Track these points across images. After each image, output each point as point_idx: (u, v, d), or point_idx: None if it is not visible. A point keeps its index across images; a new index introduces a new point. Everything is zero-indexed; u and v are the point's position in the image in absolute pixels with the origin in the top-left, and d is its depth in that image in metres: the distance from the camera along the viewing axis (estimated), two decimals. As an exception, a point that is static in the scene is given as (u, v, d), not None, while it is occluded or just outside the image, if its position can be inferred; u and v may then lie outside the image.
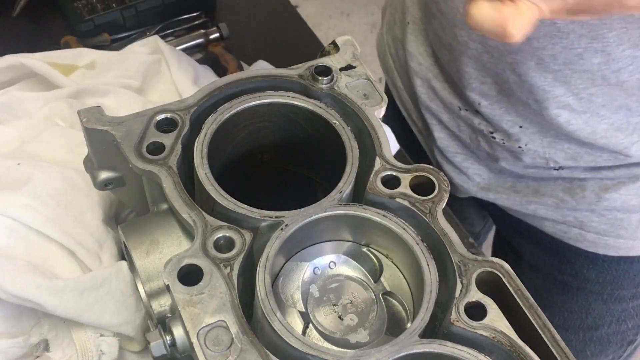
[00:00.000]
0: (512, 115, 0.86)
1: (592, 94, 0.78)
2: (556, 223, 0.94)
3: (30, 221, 0.66)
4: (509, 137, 0.88)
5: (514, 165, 0.91)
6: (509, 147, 0.89)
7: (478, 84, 0.86)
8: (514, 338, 0.50)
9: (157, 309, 0.56)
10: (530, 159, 0.88)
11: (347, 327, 0.54)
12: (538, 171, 0.90)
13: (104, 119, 0.60)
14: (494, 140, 0.90)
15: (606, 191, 0.88)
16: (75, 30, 1.07)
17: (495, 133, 0.89)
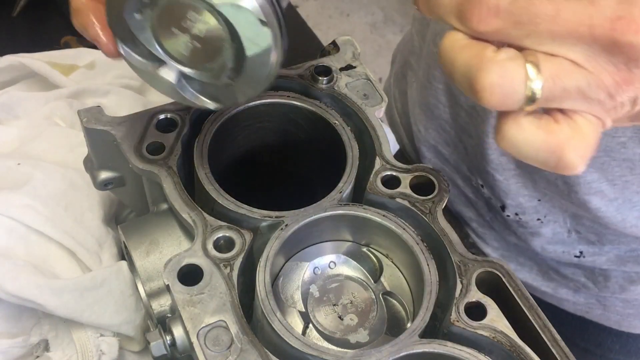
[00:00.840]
0: (530, 190, 0.79)
1: (628, 181, 0.72)
2: (577, 304, 0.89)
3: (30, 221, 0.66)
4: (525, 211, 0.81)
5: (532, 241, 0.84)
6: (524, 222, 0.82)
7: (497, 155, 0.78)
8: (514, 338, 0.50)
9: (157, 309, 0.56)
10: (550, 232, 0.81)
11: (347, 327, 0.54)
12: (557, 254, 0.84)
13: (104, 119, 0.60)
14: (508, 218, 0.83)
15: (632, 283, 0.82)
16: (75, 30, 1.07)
17: (508, 208, 0.82)
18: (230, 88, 0.46)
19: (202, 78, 0.47)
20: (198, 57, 0.45)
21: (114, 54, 0.47)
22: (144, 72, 0.48)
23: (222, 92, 0.47)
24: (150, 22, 0.44)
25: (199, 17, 0.42)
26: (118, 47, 0.47)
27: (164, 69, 0.47)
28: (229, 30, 0.42)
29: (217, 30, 0.43)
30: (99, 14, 0.47)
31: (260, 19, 0.41)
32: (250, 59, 0.43)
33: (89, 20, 0.48)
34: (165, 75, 0.47)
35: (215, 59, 0.44)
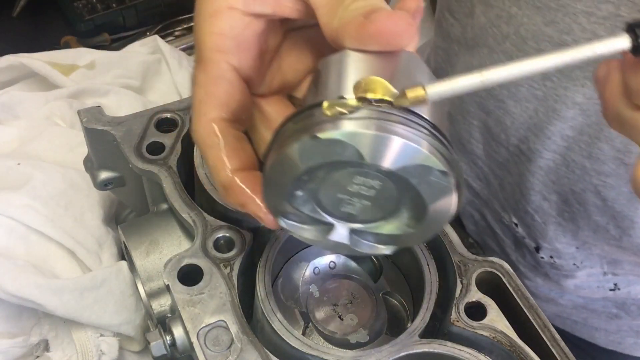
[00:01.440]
0: (568, 238, 0.77)
1: None
2: (609, 333, 0.86)
3: (30, 221, 0.66)
4: (561, 255, 0.79)
5: (565, 281, 0.82)
6: (559, 265, 0.80)
7: (539, 199, 0.76)
8: (514, 338, 0.50)
9: (157, 309, 0.56)
10: (585, 275, 0.80)
11: (347, 327, 0.54)
12: (591, 290, 0.82)
13: (104, 119, 0.60)
14: (542, 259, 0.81)
15: None
16: (75, 30, 1.07)
17: (543, 250, 0.80)
18: (409, 233, 0.42)
19: (375, 230, 0.43)
20: (369, 214, 0.41)
21: (277, 226, 0.43)
22: (312, 240, 0.44)
23: (400, 237, 0.43)
24: (313, 195, 0.40)
25: (368, 180, 0.39)
26: (278, 221, 0.42)
27: (334, 233, 0.43)
28: (404, 186, 0.39)
29: (391, 188, 0.39)
30: (250, 184, 0.43)
31: (440, 170, 0.37)
32: (431, 209, 0.39)
33: (246, 198, 0.43)
34: (337, 239, 0.43)
35: (389, 212, 0.41)
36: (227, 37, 0.43)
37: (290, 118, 0.38)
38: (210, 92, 0.44)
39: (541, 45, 0.65)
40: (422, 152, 0.36)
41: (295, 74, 0.48)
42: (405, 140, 0.36)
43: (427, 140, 0.36)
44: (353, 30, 0.38)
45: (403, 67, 0.40)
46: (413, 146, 0.36)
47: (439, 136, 0.37)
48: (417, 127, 0.37)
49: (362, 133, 0.35)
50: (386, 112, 0.36)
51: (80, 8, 1.09)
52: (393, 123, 0.36)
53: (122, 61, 0.89)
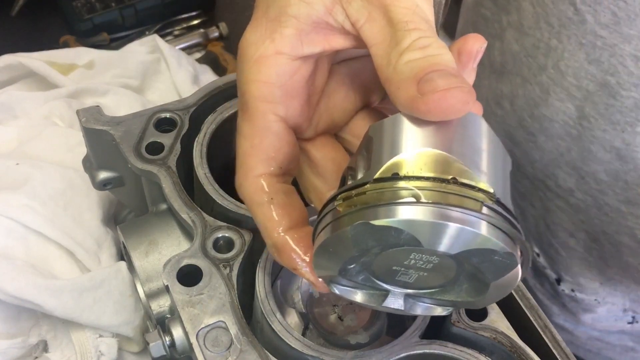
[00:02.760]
0: (594, 274, 0.75)
1: None
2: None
3: (29, 221, 0.66)
4: (583, 290, 0.78)
5: (583, 315, 0.81)
6: (579, 299, 0.79)
7: (565, 235, 0.74)
8: (515, 339, 0.50)
9: (156, 310, 0.56)
10: (605, 311, 0.78)
11: (347, 327, 0.54)
12: (609, 322, 0.80)
13: (102, 119, 0.60)
14: (562, 292, 0.80)
15: None
16: (74, 30, 1.07)
17: (565, 283, 0.79)
18: (468, 301, 0.40)
19: (433, 296, 0.41)
20: (427, 282, 0.39)
21: (328, 290, 0.41)
22: (365, 305, 0.42)
23: (459, 303, 0.41)
24: (366, 267, 0.39)
25: (425, 256, 0.37)
26: (330, 287, 0.40)
27: (389, 299, 0.41)
28: (465, 263, 0.37)
29: (450, 264, 0.37)
30: (302, 244, 0.41)
31: (503, 251, 0.35)
32: (493, 284, 0.37)
33: (299, 261, 0.41)
34: (392, 305, 0.41)
35: (448, 283, 0.39)
36: (274, 86, 0.40)
37: (342, 191, 0.36)
38: (257, 145, 0.41)
39: (582, 83, 0.63)
40: (482, 236, 0.34)
41: (343, 113, 0.45)
42: (463, 226, 0.34)
43: (488, 220, 0.34)
44: (403, 99, 0.36)
45: (461, 133, 0.37)
46: (472, 231, 0.34)
47: (502, 211, 0.35)
48: (474, 205, 0.34)
49: (419, 221, 0.34)
50: (443, 192, 0.34)
51: (79, 7, 1.08)
52: (450, 207, 0.34)
53: (121, 61, 0.89)
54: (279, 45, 0.40)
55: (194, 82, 0.90)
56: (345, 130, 0.46)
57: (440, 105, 0.35)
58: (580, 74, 0.62)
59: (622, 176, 0.65)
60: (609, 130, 0.63)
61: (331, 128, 0.45)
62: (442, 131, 0.36)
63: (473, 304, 0.40)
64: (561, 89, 0.64)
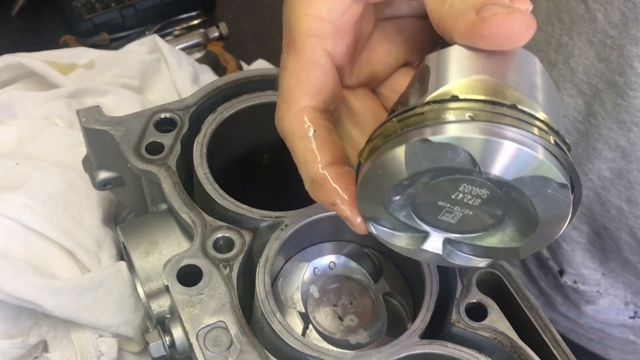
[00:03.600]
0: (596, 264, 0.76)
1: None
2: (625, 353, 0.85)
3: (29, 221, 0.66)
4: (585, 281, 0.78)
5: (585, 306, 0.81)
6: (582, 291, 0.79)
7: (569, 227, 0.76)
8: (515, 339, 0.50)
9: (157, 310, 0.56)
10: (607, 302, 0.79)
11: (347, 327, 0.54)
12: (610, 316, 0.81)
13: (102, 119, 0.60)
14: (564, 283, 0.80)
15: None
16: (74, 30, 1.07)
17: (567, 275, 0.79)
18: (511, 248, 0.39)
19: (473, 242, 0.39)
20: (470, 224, 0.38)
21: (366, 232, 0.40)
22: (402, 248, 0.40)
23: (500, 251, 0.39)
24: (411, 201, 0.37)
25: (475, 189, 0.35)
26: (368, 226, 0.39)
27: (428, 242, 0.39)
28: (516, 197, 0.35)
29: (499, 198, 0.35)
30: (342, 182, 0.40)
31: (559, 182, 0.33)
32: (543, 224, 0.36)
33: (337, 197, 0.39)
34: (430, 248, 0.39)
35: (493, 224, 0.37)
36: (325, 21, 0.40)
37: (396, 115, 0.35)
38: (302, 78, 0.40)
39: (592, 81, 0.63)
40: (540, 160, 0.32)
41: (385, 68, 0.45)
42: (521, 146, 0.32)
43: (545, 146, 0.33)
44: (463, 27, 0.35)
45: (517, 66, 0.36)
46: (530, 153, 0.32)
47: (558, 141, 0.34)
48: (532, 129, 0.33)
49: (476, 139, 0.32)
50: (500, 114, 0.33)
51: (79, 7, 1.08)
52: (508, 127, 0.32)
53: (121, 61, 0.89)
54: None
55: (194, 82, 0.90)
56: (385, 85, 0.45)
57: (503, 28, 0.33)
58: (590, 72, 0.62)
59: (625, 175, 0.65)
60: (615, 128, 0.63)
61: (371, 81, 0.45)
62: (500, 62, 0.35)
63: (514, 253, 0.38)
64: (572, 85, 0.64)
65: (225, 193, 0.56)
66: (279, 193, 0.65)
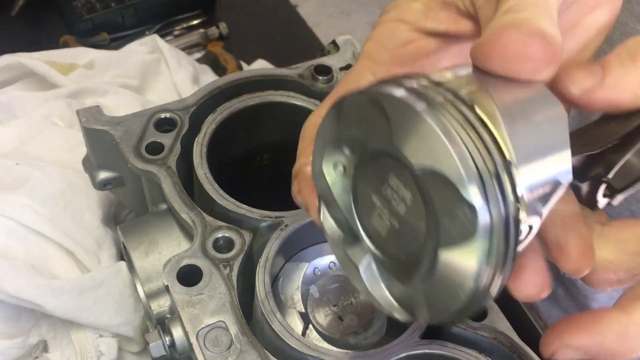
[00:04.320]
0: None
1: None
2: None
3: (29, 221, 0.66)
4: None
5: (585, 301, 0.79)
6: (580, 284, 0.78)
7: None
8: (515, 339, 0.50)
9: (157, 310, 0.56)
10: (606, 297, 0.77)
11: (347, 328, 0.54)
12: None
13: (102, 119, 0.60)
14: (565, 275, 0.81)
15: None
16: (74, 30, 1.07)
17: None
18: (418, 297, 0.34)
19: (392, 271, 0.36)
20: (393, 242, 0.35)
21: (319, 221, 0.40)
22: (335, 245, 0.39)
23: (409, 299, 0.35)
24: (352, 186, 0.36)
25: (400, 186, 0.32)
26: (320, 215, 0.39)
27: (356, 248, 0.37)
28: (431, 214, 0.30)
29: (419, 212, 0.31)
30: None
31: (467, 201, 0.27)
32: (443, 258, 0.30)
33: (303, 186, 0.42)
34: (355, 256, 0.37)
35: (411, 258, 0.33)
36: (384, 48, 0.41)
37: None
38: (339, 92, 0.41)
39: None
40: (448, 149, 0.27)
41: None
42: (434, 124, 0.28)
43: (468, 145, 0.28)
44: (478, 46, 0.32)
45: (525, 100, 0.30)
46: (439, 136, 0.27)
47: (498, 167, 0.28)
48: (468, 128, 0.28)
49: (395, 97, 0.29)
50: (447, 100, 0.29)
51: (79, 7, 1.08)
52: (444, 111, 0.28)
53: (121, 61, 0.89)
54: (403, 14, 0.41)
55: (194, 82, 0.90)
56: None
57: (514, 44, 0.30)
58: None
59: None
60: None
61: None
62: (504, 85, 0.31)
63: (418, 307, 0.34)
64: None
65: (225, 193, 0.56)
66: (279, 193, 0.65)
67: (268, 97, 0.62)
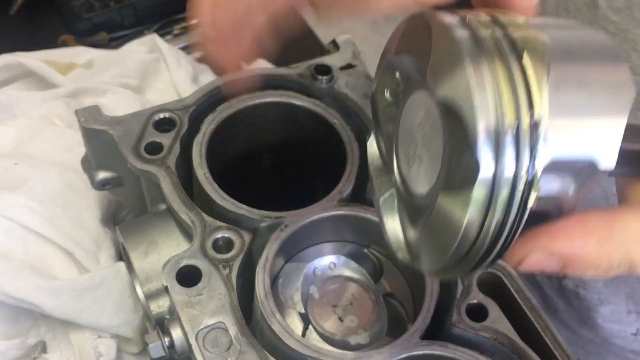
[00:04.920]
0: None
1: None
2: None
3: (28, 222, 0.66)
4: (586, 287, 0.77)
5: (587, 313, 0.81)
6: (582, 296, 0.79)
7: None
8: (516, 339, 0.49)
9: (156, 310, 0.55)
10: (608, 311, 0.78)
11: (347, 328, 0.54)
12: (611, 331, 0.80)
13: (101, 119, 0.59)
14: (566, 287, 0.79)
15: None
16: (73, 29, 1.07)
17: (569, 278, 0.78)
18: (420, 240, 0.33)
19: (407, 209, 0.36)
20: (415, 178, 0.34)
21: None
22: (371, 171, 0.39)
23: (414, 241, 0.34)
24: (396, 110, 0.35)
25: (430, 114, 0.31)
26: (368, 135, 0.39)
27: (384, 178, 0.37)
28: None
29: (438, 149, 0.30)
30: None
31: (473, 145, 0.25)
32: (441, 200, 0.28)
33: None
34: (380, 185, 0.37)
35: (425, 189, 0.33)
36: None
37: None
38: None
39: None
40: (470, 95, 0.25)
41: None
42: (468, 65, 0.25)
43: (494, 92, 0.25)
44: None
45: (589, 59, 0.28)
46: (466, 75, 0.25)
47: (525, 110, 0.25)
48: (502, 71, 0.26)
49: (442, 23, 0.28)
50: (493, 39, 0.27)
51: (78, 7, 1.08)
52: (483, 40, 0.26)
53: (120, 60, 0.88)
54: None
55: (194, 82, 0.89)
56: None
57: None
58: None
59: None
60: None
61: None
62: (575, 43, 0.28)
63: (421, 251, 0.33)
64: None
65: (224, 193, 0.56)
66: (279, 193, 0.65)
67: (268, 97, 0.62)
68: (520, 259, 0.32)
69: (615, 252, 0.32)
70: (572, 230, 0.31)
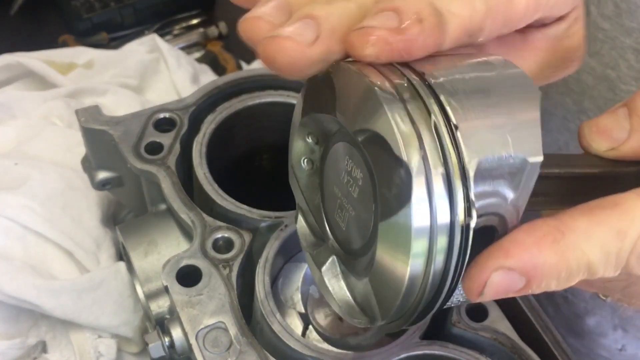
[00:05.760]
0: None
1: None
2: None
3: (28, 222, 0.66)
4: (574, 292, 0.77)
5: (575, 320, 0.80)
6: (571, 300, 0.78)
7: None
8: (516, 339, 0.49)
9: (156, 310, 0.55)
10: (594, 322, 0.78)
11: (348, 328, 0.54)
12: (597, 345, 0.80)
13: (101, 119, 0.59)
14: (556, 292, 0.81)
15: None
16: (73, 29, 1.07)
17: None
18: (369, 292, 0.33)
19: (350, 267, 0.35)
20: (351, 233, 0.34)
21: None
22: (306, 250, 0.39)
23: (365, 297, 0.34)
24: (317, 179, 0.36)
25: (354, 167, 0.31)
26: (296, 216, 0.39)
27: (322, 250, 0.37)
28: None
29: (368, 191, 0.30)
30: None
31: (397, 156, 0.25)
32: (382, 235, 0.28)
33: None
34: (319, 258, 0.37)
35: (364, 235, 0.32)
36: None
37: None
38: None
39: (582, 76, 0.62)
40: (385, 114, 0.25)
41: None
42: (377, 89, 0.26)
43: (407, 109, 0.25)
44: None
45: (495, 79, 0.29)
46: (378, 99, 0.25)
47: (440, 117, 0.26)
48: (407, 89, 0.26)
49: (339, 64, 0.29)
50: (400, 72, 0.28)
51: (78, 7, 1.08)
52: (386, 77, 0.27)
53: (120, 60, 0.88)
54: None
55: (194, 82, 0.89)
56: None
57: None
58: (580, 68, 0.63)
59: None
60: None
61: None
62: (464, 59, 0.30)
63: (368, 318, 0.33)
64: (562, 82, 0.64)
65: (224, 193, 0.56)
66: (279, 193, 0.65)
67: (268, 97, 0.62)
68: (480, 287, 0.31)
69: (571, 254, 0.31)
70: (523, 239, 0.31)
